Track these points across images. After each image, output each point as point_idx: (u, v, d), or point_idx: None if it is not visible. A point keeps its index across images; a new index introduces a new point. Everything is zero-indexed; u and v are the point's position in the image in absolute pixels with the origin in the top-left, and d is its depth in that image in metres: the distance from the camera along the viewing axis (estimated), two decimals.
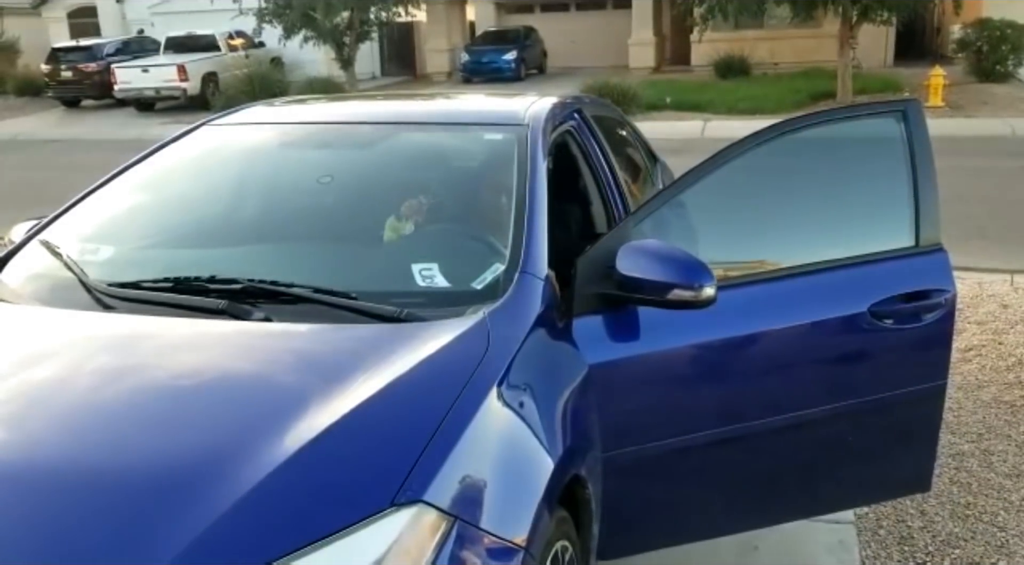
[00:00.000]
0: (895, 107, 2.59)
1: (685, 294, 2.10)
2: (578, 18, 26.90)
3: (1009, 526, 3.06)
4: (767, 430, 2.41)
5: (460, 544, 1.53)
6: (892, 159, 2.54)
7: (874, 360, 2.53)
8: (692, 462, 2.41)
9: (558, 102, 2.97)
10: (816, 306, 2.42)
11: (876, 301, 2.42)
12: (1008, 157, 11.13)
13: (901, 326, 2.47)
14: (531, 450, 1.84)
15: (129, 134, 16.48)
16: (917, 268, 2.51)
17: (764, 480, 2.53)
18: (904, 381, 2.54)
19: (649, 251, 2.19)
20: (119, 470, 1.58)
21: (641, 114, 15.25)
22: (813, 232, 2.57)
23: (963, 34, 18.11)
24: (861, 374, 2.53)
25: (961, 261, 6.27)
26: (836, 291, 2.44)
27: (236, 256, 2.49)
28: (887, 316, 2.44)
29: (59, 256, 2.45)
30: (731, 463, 2.45)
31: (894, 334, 2.48)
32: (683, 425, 2.36)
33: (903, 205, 2.53)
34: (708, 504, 2.54)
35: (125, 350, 2.02)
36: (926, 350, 2.55)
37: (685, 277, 2.11)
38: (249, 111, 3.17)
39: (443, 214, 2.61)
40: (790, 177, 2.57)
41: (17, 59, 26.59)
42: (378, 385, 1.75)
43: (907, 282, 2.48)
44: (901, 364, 2.55)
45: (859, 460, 2.61)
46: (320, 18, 18.52)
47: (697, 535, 2.58)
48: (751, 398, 2.41)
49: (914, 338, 2.52)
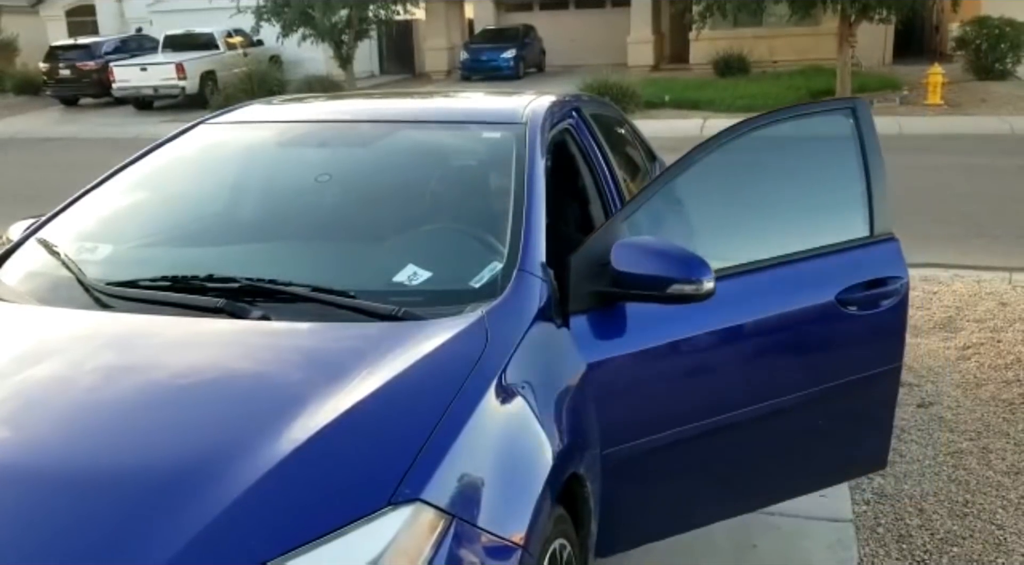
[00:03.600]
0: (845, 105, 2.74)
1: (687, 288, 2.13)
2: (577, 16, 26.88)
3: (1007, 524, 3.06)
4: (750, 418, 2.49)
5: (458, 543, 1.53)
6: (846, 155, 2.68)
7: (841, 345, 2.66)
8: (683, 454, 2.45)
9: (556, 100, 2.96)
10: (790, 296, 2.52)
11: (842, 289, 2.54)
12: (1007, 155, 11.13)
13: (863, 312, 2.60)
14: (529, 448, 1.84)
15: (127, 133, 16.48)
16: (874, 257, 2.65)
17: (749, 467, 2.62)
18: (866, 364, 2.67)
19: (646, 247, 2.20)
20: (115, 469, 1.58)
21: (640, 112, 15.25)
22: (780, 225, 2.68)
23: (962, 32, 18.11)
24: (831, 359, 2.66)
25: (960, 259, 6.33)
26: (807, 281, 2.55)
27: (234, 255, 2.48)
28: (851, 303, 2.56)
29: (57, 255, 2.45)
30: (718, 453, 2.52)
31: (858, 320, 2.60)
32: (674, 418, 2.40)
33: (858, 197, 2.68)
34: (698, 495, 2.61)
35: (123, 349, 2.02)
36: (885, 334, 2.68)
37: (685, 272, 2.14)
38: (247, 109, 3.17)
39: (441, 213, 2.61)
40: (755, 174, 2.66)
41: (15, 58, 26.60)
42: (376, 383, 1.75)
43: (867, 271, 2.62)
44: (863, 348, 2.68)
45: (829, 442, 2.74)
46: (318, 16, 18.51)
47: (688, 526, 2.63)
48: (735, 388, 2.49)
49: (874, 323, 2.64)
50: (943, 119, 13.93)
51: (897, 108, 15.05)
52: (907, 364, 4.44)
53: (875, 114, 2.67)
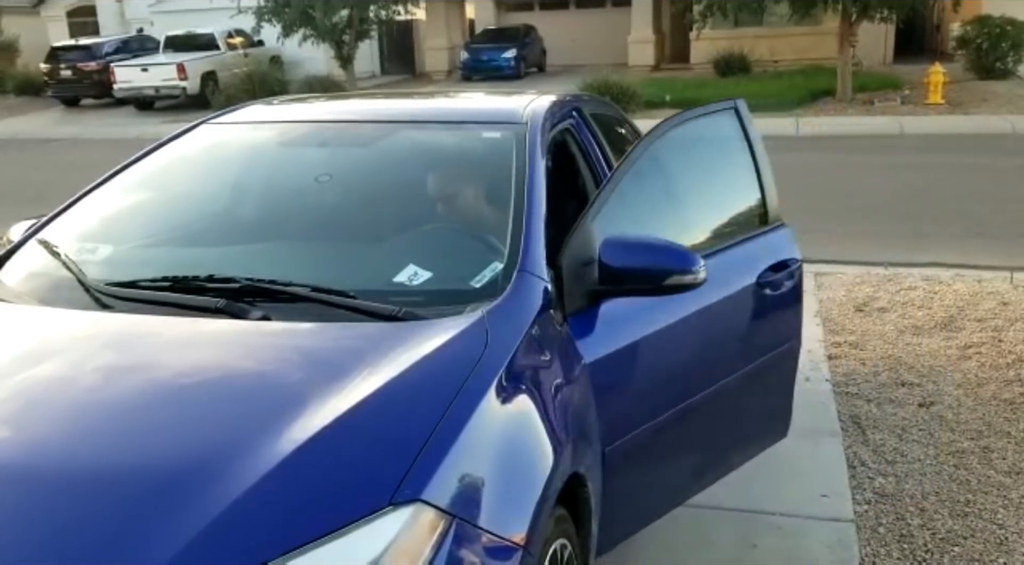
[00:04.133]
0: (728, 105, 3.00)
1: (686, 278, 2.24)
2: (578, 16, 26.88)
3: (1008, 523, 3.06)
4: (706, 400, 2.67)
5: (458, 543, 1.53)
6: (739, 151, 2.98)
7: (763, 324, 2.97)
8: (665, 439, 2.58)
9: (556, 100, 2.96)
10: (729, 281, 2.73)
11: (759, 273, 2.83)
12: (1008, 154, 11.12)
13: (773, 293, 2.91)
14: (530, 448, 1.84)
15: (128, 133, 16.49)
16: (775, 243, 2.96)
17: (708, 445, 2.86)
18: (778, 340, 3.00)
19: (636, 243, 2.29)
20: (116, 469, 1.58)
21: (641, 112, 15.23)
22: (705, 219, 2.92)
23: (963, 31, 18.10)
24: (758, 337, 2.95)
25: (961, 258, 6.33)
26: (736, 267, 2.78)
27: (234, 255, 2.48)
28: (767, 285, 2.86)
29: (57, 255, 2.45)
30: (685, 436, 2.70)
31: (770, 300, 2.92)
32: (658, 406, 2.53)
33: (754, 189, 2.99)
34: (677, 476, 2.79)
35: (123, 349, 2.02)
36: (789, 313, 3.05)
37: (680, 262, 2.24)
38: (248, 110, 3.17)
39: (441, 213, 2.61)
40: (675, 174, 2.82)
41: (16, 58, 26.59)
42: (376, 384, 1.75)
43: (772, 255, 2.91)
44: (776, 326, 3.02)
45: (754, 415, 3.05)
46: (319, 16, 18.50)
47: (668, 508, 2.76)
48: (698, 370, 2.70)
49: (781, 303, 2.98)
50: (944, 118, 13.92)
51: (898, 107, 15.04)
52: (908, 363, 4.45)
53: (876, 114, 2.69)
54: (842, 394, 4.13)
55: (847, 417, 3.89)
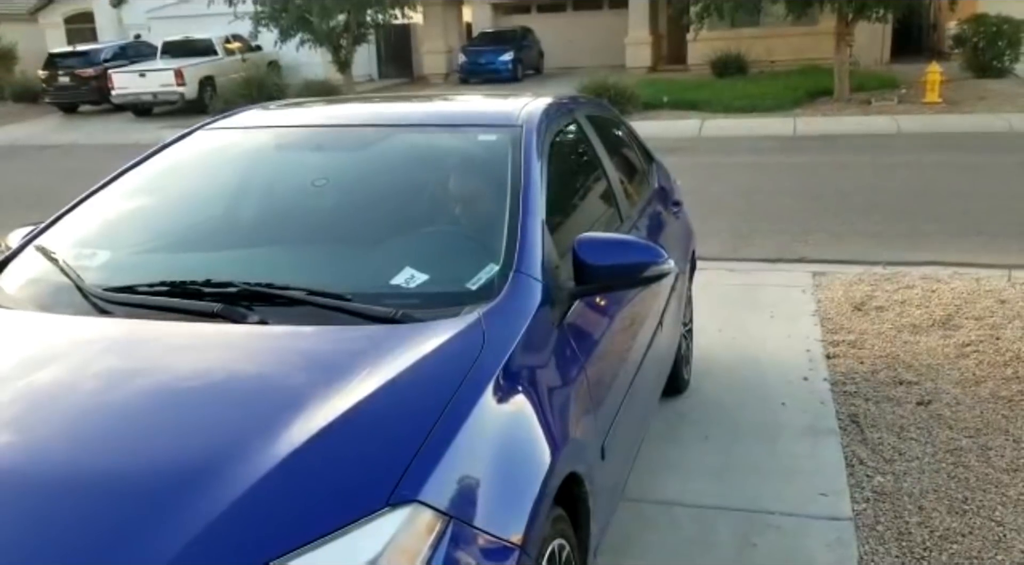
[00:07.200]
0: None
1: (664, 267, 2.36)
2: (575, 18, 26.91)
3: (1007, 521, 3.06)
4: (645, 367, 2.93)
5: (455, 544, 1.53)
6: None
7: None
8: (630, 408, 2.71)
9: (553, 103, 2.98)
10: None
11: None
12: (1005, 152, 11.13)
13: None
14: (527, 449, 1.84)
15: (127, 139, 16.49)
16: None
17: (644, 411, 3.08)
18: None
19: (608, 241, 2.41)
20: (116, 472, 1.59)
21: (638, 114, 15.27)
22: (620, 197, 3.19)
23: (959, 30, 18.14)
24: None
25: (958, 257, 6.33)
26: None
27: (232, 259, 2.49)
28: None
29: (55, 261, 2.45)
30: (638, 399, 2.87)
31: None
32: (623, 386, 2.64)
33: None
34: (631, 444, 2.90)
35: (121, 354, 2.03)
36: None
37: (653, 255, 2.37)
38: (245, 114, 3.18)
39: (438, 215, 2.62)
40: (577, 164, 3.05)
41: (14, 65, 26.60)
42: (373, 386, 1.76)
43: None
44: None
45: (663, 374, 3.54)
46: (316, 21, 18.52)
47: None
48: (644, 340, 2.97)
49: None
50: (941, 117, 13.94)
51: (895, 107, 15.06)
52: (906, 362, 4.46)
53: (874, 113, 2.69)
54: (840, 393, 4.14)
55: (846, 416, 3.89)
